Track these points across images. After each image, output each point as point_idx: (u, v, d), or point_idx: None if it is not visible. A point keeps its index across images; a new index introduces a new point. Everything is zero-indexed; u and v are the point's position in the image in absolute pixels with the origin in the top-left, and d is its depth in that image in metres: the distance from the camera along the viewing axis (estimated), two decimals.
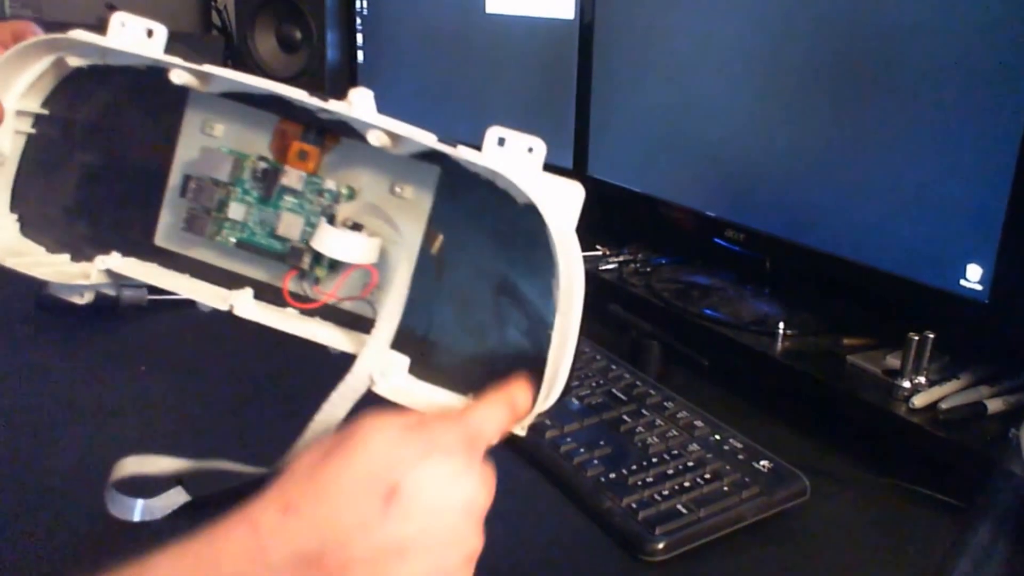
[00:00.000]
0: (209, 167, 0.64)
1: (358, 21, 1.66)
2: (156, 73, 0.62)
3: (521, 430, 0.59)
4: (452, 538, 0.48)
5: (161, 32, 0.62)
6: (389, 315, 0.61)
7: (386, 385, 0.61)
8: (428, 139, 0.56)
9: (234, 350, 1.05)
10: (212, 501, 0.73)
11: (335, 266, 0.63)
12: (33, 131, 0.67)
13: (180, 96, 0.66)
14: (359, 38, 1.67)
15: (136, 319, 1.08)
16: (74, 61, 0.64)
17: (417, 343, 0.63)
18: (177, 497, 0.72)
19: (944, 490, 0.77)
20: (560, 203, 0.56)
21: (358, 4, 1.64)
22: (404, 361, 0.62)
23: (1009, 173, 0.76)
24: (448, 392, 0.62)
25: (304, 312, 0.65)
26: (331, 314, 0.65)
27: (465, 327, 0.62)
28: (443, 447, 0.49)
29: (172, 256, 0.68)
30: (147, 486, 0.69)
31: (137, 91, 0.67)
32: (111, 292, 0.73)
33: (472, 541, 0.49)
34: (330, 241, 0.61)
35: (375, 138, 0.58)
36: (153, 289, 1.08)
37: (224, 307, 0.65)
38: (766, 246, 1.02)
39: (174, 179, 0.66)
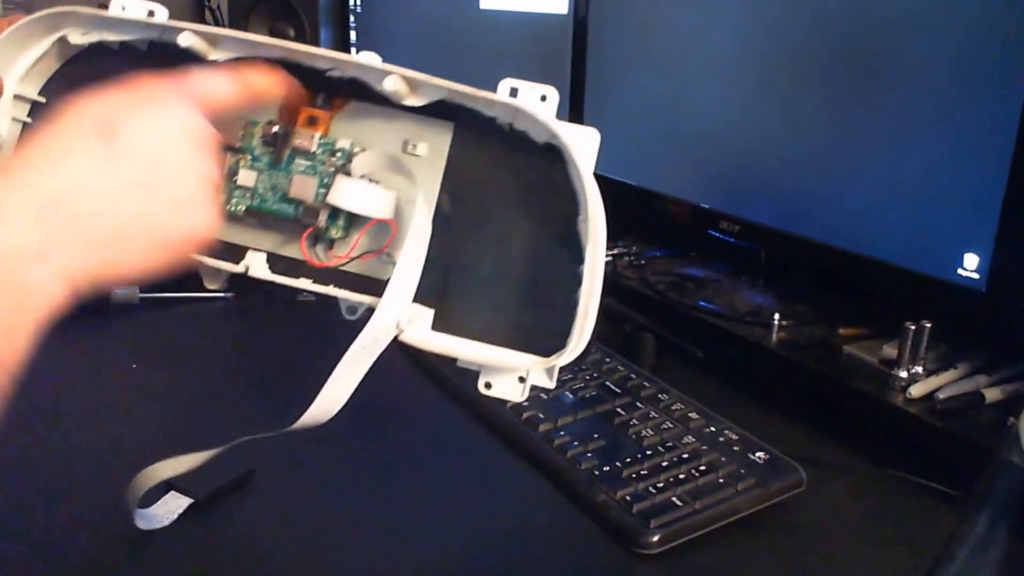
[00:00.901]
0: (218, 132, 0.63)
1: (351, 18, 1.65)
2: (157, 52, 0.62)
3: (551, 382, 0.60)
4: (185, 166, 0.52)
5: (162, 13, 0.62)
6: (410, 265, 0.60)
7: (413, 334, 0.60)
8: (446, 83, 0.57)
9: (226, 346, 1.04)
10: (211, 498, 0.72)
11: (350, 228, 0.62)
12: (29, 120, 0.67)
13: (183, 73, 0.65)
14: (352, 35, 1.66)
15: (127, 317, 1.07)
16: (76, 39, 0.64)
17: (438, 298, 0.62)
18: (177, 501, 0.71)
19: (941, 480, 0.77)
20: (579, 144, 0.56)
21: (351, 1, 1.64)
22: (428, 313, 0.61)
23: (1006, 161, 0.75)
24: (476, 343, 0.61)
25: (319, 276, 0.64)
26: (346, 280, 0.64)
27: (486, 281, 0.61)
28: (150, 90, 0.52)
29: None
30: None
31: (137, 75, 0.66)
32: None
33: (205, 166, 0.53)
34: (348, 192, 0.59)
35: (392, 83, 0.57)
36: (144, 287, 1.08)
37: (239, 269, 0.64)
38: (761, 237, 1.02)
39: None
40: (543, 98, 0.57)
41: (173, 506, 0.71)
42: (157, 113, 0.52)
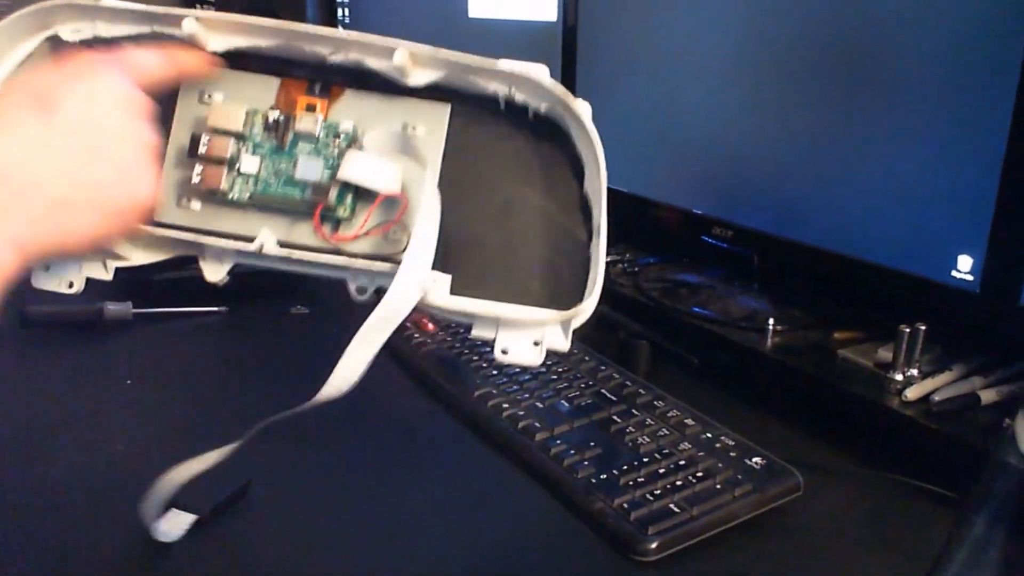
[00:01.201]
0: (221, 120, 0.62)
1: (339, 28, 1.65)
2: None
3: (566, 341, 0.62)
4: (123, 133, 0.55)
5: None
6: (425, 232, 0.60)
7: (434, 298, 0.61)
8: (450, 54, 0.59)
9: (221, 361, 1.04)
10: (215, 513, 0.72)
11: (356, 208, 0.62)
12: None
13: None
14: None
15: (121, 333, 1.07)
16: (67, 35, 0.63)
17: (451, 270, 0.62)
18: (178, 519, 0.71)
19: (938, 482, 0.76)
20: (583, 108, 0.60)
21: (339, 12, 1.64)
22: (446, 279, 0.62)
23: (998, 163, 0.76)
24: (495, 302, 0.62)
25: (330, 254, 0.64)
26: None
27: (495, 252, 0.62)
28: (86, 65, 0.55)
29: (174, 230, 0.66)
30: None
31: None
32: (102, 276, 0.70)
33: (144, 134, 0.56)
34: (359, 165, 0.60)
35: (401, 56, 0.59)
36: (137, 303, 1.08)
37: (253, 247, 0.63)
38: (754, 242, 1.02)
39: (177, 143, 0.64)
40: None
41: (175, 523, 0.70)
42: (90, 84, 0.54)
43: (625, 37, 1.12)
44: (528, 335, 0.61)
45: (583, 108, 0.60)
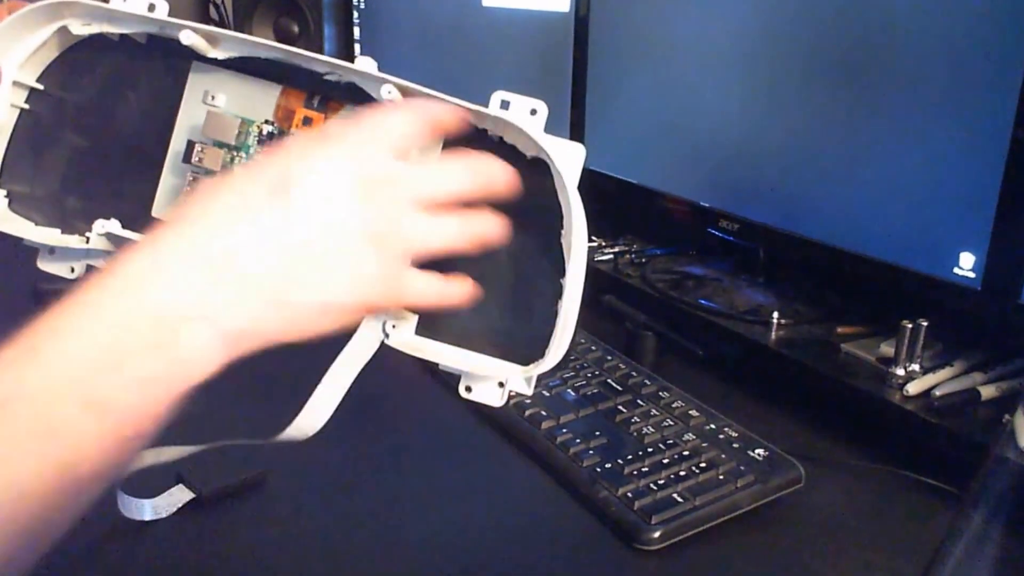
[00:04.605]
0: (215, 131, 0.63)
1: (355, 15, 1.66)
2: (156, 46, 0.63)
3: (529, 389, 0.60)
4: (351, 221, 0.48)
5: (162, 7, 0.62)
6: None
7: (397, 338, 0.61)
8: (438, 95, 0.58)
9: None
10: (216, 496, 0.73)
11: None
12: (26, 106, 0.67)
13: (181, 69, 0.66)
14: (356, 32, 1.67)
15: None
16: (77, 29, 0.64)
17: None
18: (181, 494, 0.72)
19: (938, 476, 0.78)
20: (565, 160, 0.57)
21: None
22: (412, 319, 0.62)
23: (1001, 160, 0.76)
24: (457, 349, 0.62)
25: None
26: None
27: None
28: (336, 135, 0.51)
29: None
30: (148, 485, 0.69)
31: (136, 66, 0.67)
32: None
33: (374, 217, 0.49)
34: None
35: (387, 92, 0.58)
36: None
37: None
38: (760, 236, 1.02)
39: (175, 147, 0.66)
40: (533, 111, 0.58)
41: (176, 499, 0.71)
42: (336, 162, 0.49)
43: (636, 29, 1.13)
44: (492, 379, 0.61)
45: (569, 157, 0.57)
